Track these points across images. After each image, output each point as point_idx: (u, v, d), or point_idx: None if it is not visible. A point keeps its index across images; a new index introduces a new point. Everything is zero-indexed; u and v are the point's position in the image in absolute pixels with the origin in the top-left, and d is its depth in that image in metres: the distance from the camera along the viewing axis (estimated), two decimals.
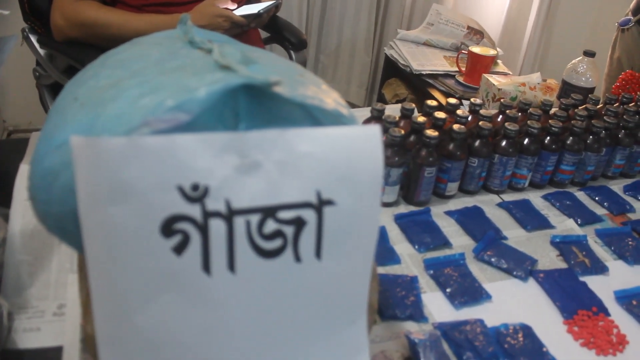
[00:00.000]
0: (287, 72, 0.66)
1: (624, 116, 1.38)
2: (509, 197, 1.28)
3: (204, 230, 0.54)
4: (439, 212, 1.17)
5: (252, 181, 0.54)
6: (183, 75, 0.60)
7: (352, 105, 3.13)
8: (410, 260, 1.03)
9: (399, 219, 1.12)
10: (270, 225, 0.56)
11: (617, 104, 1.49)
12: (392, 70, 2.78)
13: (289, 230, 0.56)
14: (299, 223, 0.57)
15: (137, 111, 0.55)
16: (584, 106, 1.40)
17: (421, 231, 1.09)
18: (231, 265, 0.56)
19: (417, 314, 0.91)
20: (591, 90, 1.81)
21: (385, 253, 1.02)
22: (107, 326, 0.57)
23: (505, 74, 2.46)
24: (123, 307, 0.56)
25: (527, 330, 0.91)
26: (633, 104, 1.48)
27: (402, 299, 0.93)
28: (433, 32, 2.73)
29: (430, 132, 1.11)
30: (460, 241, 1.10)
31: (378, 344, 0.85)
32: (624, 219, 1.28)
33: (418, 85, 2.50)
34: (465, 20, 2.78)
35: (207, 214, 0.53)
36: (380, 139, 0.58)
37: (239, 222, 0.54)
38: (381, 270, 0.99)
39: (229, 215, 0.54)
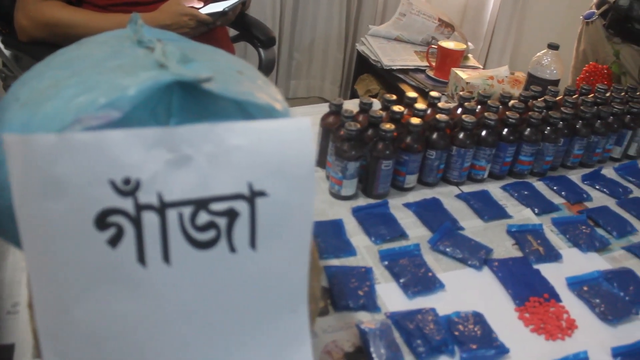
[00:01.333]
0: (226, 69, 0.67)
1: (581, 107, 1.40)
2: (469, 188, 1.30)
3: (137, 222, 0.55)
4: (397, 205, 1.19)
5: (183, 174, 0.56)
6: (119, 74, 0.61)
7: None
8: (366, 252, 1.04)
9: (357, 212, 1.14)
10: (203, 217, 0.57)
11: (576, 95, 1.52)
12: (364, 66, 2.80)
13: (222, 222, 0.58)
14: (231, 214, 0.58)
15: (71, 109, 0.57)
16: (543, 98, 1.42)
17: (378, 223, 1.10)
18: (166, 257, 0.57)
19: (370, 304, 0.93)
20: (556, 82, 1.83)
21: (341, 245, 1.04)
22: (48, 320, 0.58)
23: (475, 68, 2.48)
24: (61, 301, 0.57)
25: (478, 318, 0.93)
26: (592, 95, 1.51)
27: (356, 289, 0.94)
28: (405, 25, 2.74)
29: (387, 126, 1.13)
30: (417, 232, 1.12)
31: (330, 334, 0.87)
32: (580, 208, 1.30)
33: (389, 81, 2.52)
34: (437, 12, 2.80)
35: (140, 207, 0.54)
36: (310, 131, 0.60)
37: (172, 214, 0.56)
38: (336, 262, 1.01)
39: (161, 208, 0.55)
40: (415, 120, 1.17)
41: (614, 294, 1.04)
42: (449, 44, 2.41)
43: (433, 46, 2.50)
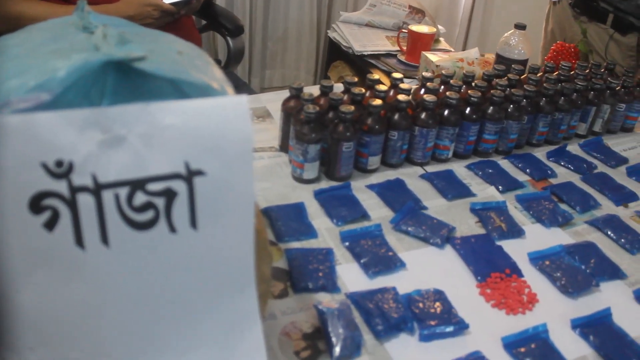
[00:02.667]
0: (165, 50, 0.66)
1: (544, 84, 1.40)
2: (433, 168, 1.30)
3: (72, 205, 0.54)
4: (360, 186, 1.19)
5: (117, 155, 0.55)
6: (53, 57, 0.60)
7: None
8: (327, 234, 1.04)
9: (318, 195, 1.13)
10: (140, 198, 0.56)
11: (540, 73, 1.52)
12: (337, 53, 2.79)
13: (159, 202, 0.57)
14: (169, 194, 0.58)
15: (1, 93, 0.56)
16: (506, 76, 1.42)
17: (339, 205, 1.10)
18: (104, 239, 0.56)
19: (330, 285, 0.92)
20: (524, 62, 1.83)
21: (302, 228, 1.04)
22: None
23: (447, 51, 2.48)
24: (3, 288, 0.56)
25: (439, 295, 0.94)
26: (556, 73, 1.51)
27: (316, 271, 0.94)
28: (376, 14, 2.74)
29: (346, 107, 1.12)
30: (379, 213, 1.12)
31: (289, 316, 0.87)
32: (545, 184, 1.31)
33: (361, 67, 2.51)
34: (407, 0, 2.80)
35: (74, 189, 0.54)
36: (247, 109, 0.59)
37: (108, 195, 0.55)
38: (297, 245, 1.01)
39: (97, 190, 0.55)
40: (375, 102, 1.17)
41: (575, 268, 1.04)
42: (420, 28, 2.41)
43: (404, 30, 2.49)
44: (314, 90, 1.22)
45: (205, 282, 0.63)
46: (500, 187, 1.25)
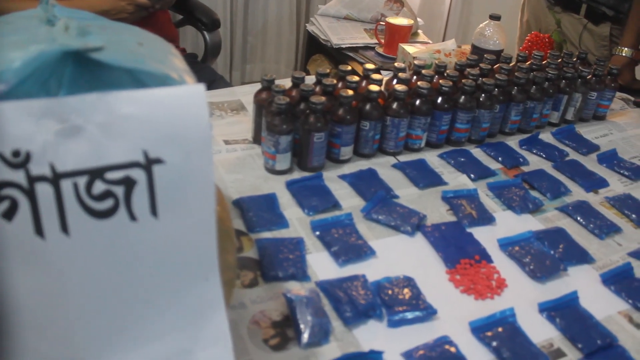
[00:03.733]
0: (125, 41, 0.67)
1: (516, 73, 1.42)
2: (406, 158, 1.31)
3: (30, 195, 0.55)
4: (332, 177, 1.20)
5: (74, 144, 0.55)
6: (11, 49, 0.60)
7: None
8: (298, 224, 1.05)
9: (290, 185, 1.14)
10: (99, 186, 0.57)
11: (513, 63, 1.54)
12: (315, 46, 2.80)
13: (119, 190, 0.58)
14: (128, 183, 0.58)
15: None
16: (479, 66, 1.44)
17: (311, 195, 1.11)
18: (64, 228, 0.57)
19: (300, 273, 0.93)
20: (499, 53, 1.84)
21: (273, 218, 1.04)
22: None
23: (424, 43, 2.49)
24: None
25: (408, 282, 0.95)
26: (528, 62, 1.52)
27: (286, 260, 0.95)
28: (352, 2, 2.74)
29: (317, 98, 1.13)
30: (350, 202, 1.13)
31: (259, 305, 0.88)
32: (517, 172, 1.32)
33: (340, 60, 2.52)
34: None
35: (32, 179, 0.54)
36: (204, 98, 0.60)
37: (66, 184, 0.56)
38: (268, 235, 1.01)
39: (55, 179, 0.55)
40: (346, 92, 1.18)
41: (544, 253, 1.06)
42: (397, 20, 2.42)
43: (381, 23, 2.51)
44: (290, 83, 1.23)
45: (169, 270, 0.63)
46: (472, 175, 1.27)
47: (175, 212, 0.62)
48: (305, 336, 0.82)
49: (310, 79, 1.31)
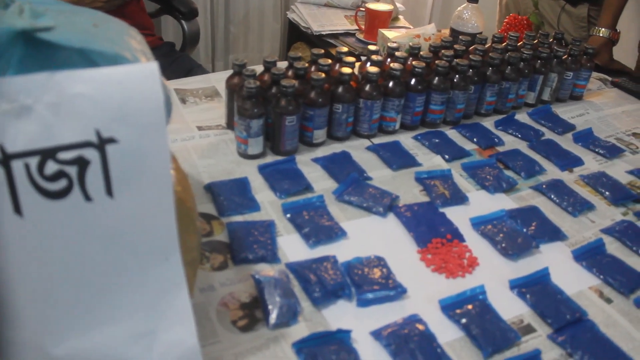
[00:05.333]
0: (80, 23, 0.66)
1: (490, 54, 1.42)
2: (380, 140, 1.31)
3: None
4: (305, 160, 1.19)
5: (24, 125, 0.55)
6: None
7: None
8: (270, 207, 1.05)
9: (263, 169, 1.14)
10: (51, 167, 0.56)
11: (489, 44, 1.53)
12: (297, 34, 2.79)
13: (72, 171, 0.57)
14: (81, 163, 0.58)
15: None
16: (453, 47, 1.43)
17: (283, 178, 1.11)
18: (17, 209, 0.56)
19: (270, 256, 0.93)
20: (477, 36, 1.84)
21: (245, 202, 1.04)
22: None
23: (405, 29, 2.49)
24: None
25: (379, 262, 0.94)
26: (504, 43, 1.52)
27: (256, 242, 0.94)
28: None
29: (287, 81, 1.12)
30: (323, 185, 1.12)
31: (228, 287, 0.87)
32: (492, 152, 1.32)
33: (321, 47, 2.51)
34: None
35: None
36: (157, 76, 0.59)
37: (17, 165, 0.55)
38: (240, 218, 1.01)
39: (5, 160, 0.55)
40: (317, 74, 1.17)
41: (517, 231, 1.06)
42: (377, 6, 2.41)
43: (361, 9, 2.50)
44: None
45: (127, 250, 0.63)
46: (446, 156, 1.26)
47: (131, 192, 0.61)
48: (273, 317, 0.82)
49: (284, 65, 1.31)
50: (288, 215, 1.02)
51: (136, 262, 0.64)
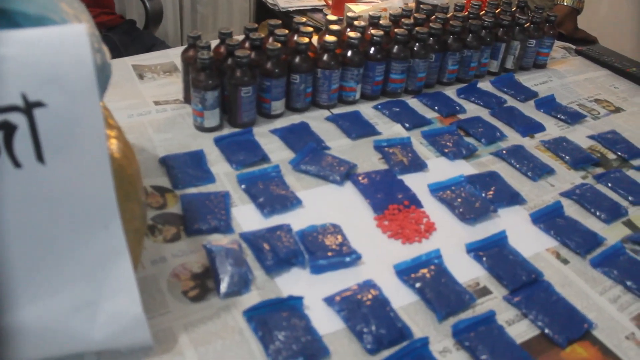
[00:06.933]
0: None
1: (451, 22, 1.40)
2: (340, 110, 1.29)
3: None
4: (263, 132, 1.18)
5: None
6: None
7: None
8: (225, 178, 1.03)
9: (219, 141, 1.12)
10: None
11: (451, 14, 1.52)
12: (265, 11, 2.76)
13: None
14: (7, 127, 0.56)
15: None
16: (413, 16, 1.42)
17: (239, 150, 1.09)
18: None
19: (223, 226, 0.92)
20: (446, 9, 1.82)
21: (199, 174, 1.03)
22: None
23: (373, 3, 2.47)
24: None
25: (334, 229, 0.94)
26: (466, 12, 1.51)
27: (210, 213, 0.93)
28: None
29: (241, 52, 1.11)
30: (280, 156, 1.11)
31: (180, 258, 0.86)
32: (453, 120, 1.31)
33: (289, 24, 2.48)
34: None
35: None
36: (86, 39, 0.57)
37: None
38: (194, 190, 1.00)
39: None
40: (273, 44, 1.16)
41: (475, 195, 1.05)
42: None
43: None
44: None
45: (63, 218, 0.62)
46: (406, 124, 1.26)
47: (64, 157, 0.60)
48: (224, 286, 0.81)
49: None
50: (243, 186, 1.01)
51: (74, 230, 0.63)
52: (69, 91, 0.58)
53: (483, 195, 1.06)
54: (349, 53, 1.26)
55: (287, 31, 1.23)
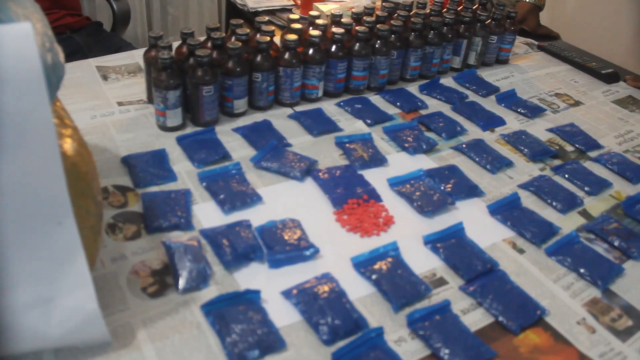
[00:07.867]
0: None
1: (412, 19, 1.42)
2: (303, 108, 1.31)
3: None
4: (226, 130, 1.19)
5: None
6: None
7: None
8: (187, 177, 1.04)
9: (181, 140, 1.13)
10: None
11: (414, 11, 1.54)
12: (235, 12, 2.77)
13: None
14: None
15: None
16: (375, 13, 1.43)
17: (200, 148, 1.10)
18: None
19: (184, 223, 0.93)
20: (410, 6, 1.84)
21: (161, 173, 1.03)
22: None
23: (341, 3, 2.48)
24: None
25: (293, 224, 0.95)
26: (427, 9, 1.53)
27: (170, 211, 0.94)
28: None
29: (202, 51, 1.12)
30: (241, 153, 1.12)
31: (139, 255, 0.87)
32: (415, 116, 1.33)
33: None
34: None
35: None
36: (32, 36, 0.58)
37: None
38: (155, 189, 1.00)
39: None
40: (234, 43, 1.17)
41: (434, 189, 1.07)
42: None
43: None
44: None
45: (14, 215, 0.62)
46: (368, 120, 1.27)
47: (13, 155, 0.60)
48: (182, 281, 0.82)
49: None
50: (204, 184, 1.02)
51: (26, 227, 0.64)
52: (16, 89, 0.59)
53: (442, 188, 1.08)
54: (311, 51, 1.27)
55: (248, 30, 1.24)
